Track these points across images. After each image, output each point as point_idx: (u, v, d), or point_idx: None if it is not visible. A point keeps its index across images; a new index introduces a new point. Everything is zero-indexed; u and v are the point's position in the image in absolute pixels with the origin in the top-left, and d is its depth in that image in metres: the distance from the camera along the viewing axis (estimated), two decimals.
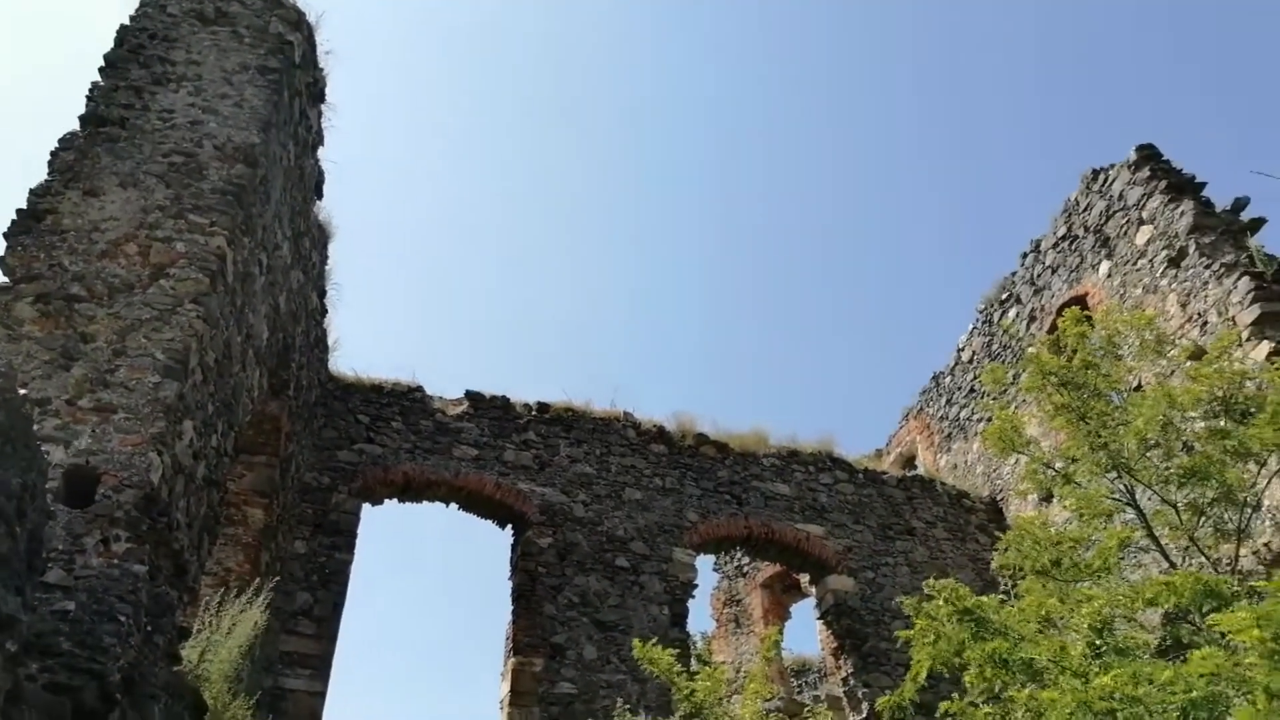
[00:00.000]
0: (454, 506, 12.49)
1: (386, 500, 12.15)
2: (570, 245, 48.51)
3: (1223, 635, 7.45)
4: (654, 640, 10.71)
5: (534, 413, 13.05)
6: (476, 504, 12.37)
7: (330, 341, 11.80)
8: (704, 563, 16.22)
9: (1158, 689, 6.06)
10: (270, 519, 9.55)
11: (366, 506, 11.82)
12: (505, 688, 11.15)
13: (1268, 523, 9.89)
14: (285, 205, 8.42)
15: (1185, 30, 40.11)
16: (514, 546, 12.28)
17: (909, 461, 17.31)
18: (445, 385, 13.18)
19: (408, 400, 12.60)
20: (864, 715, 12.27)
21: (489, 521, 12.55)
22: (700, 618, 20.33)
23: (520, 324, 48.31)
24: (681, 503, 12.89)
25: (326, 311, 11.17)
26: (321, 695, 10.24)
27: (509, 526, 12.45)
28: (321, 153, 9.85)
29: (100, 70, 7.16)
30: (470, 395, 12.93)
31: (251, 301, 7.48)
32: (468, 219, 46.86)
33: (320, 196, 10.05)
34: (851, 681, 12.58)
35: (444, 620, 43.24)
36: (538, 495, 12.26)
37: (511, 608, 11.72)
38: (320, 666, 10.33)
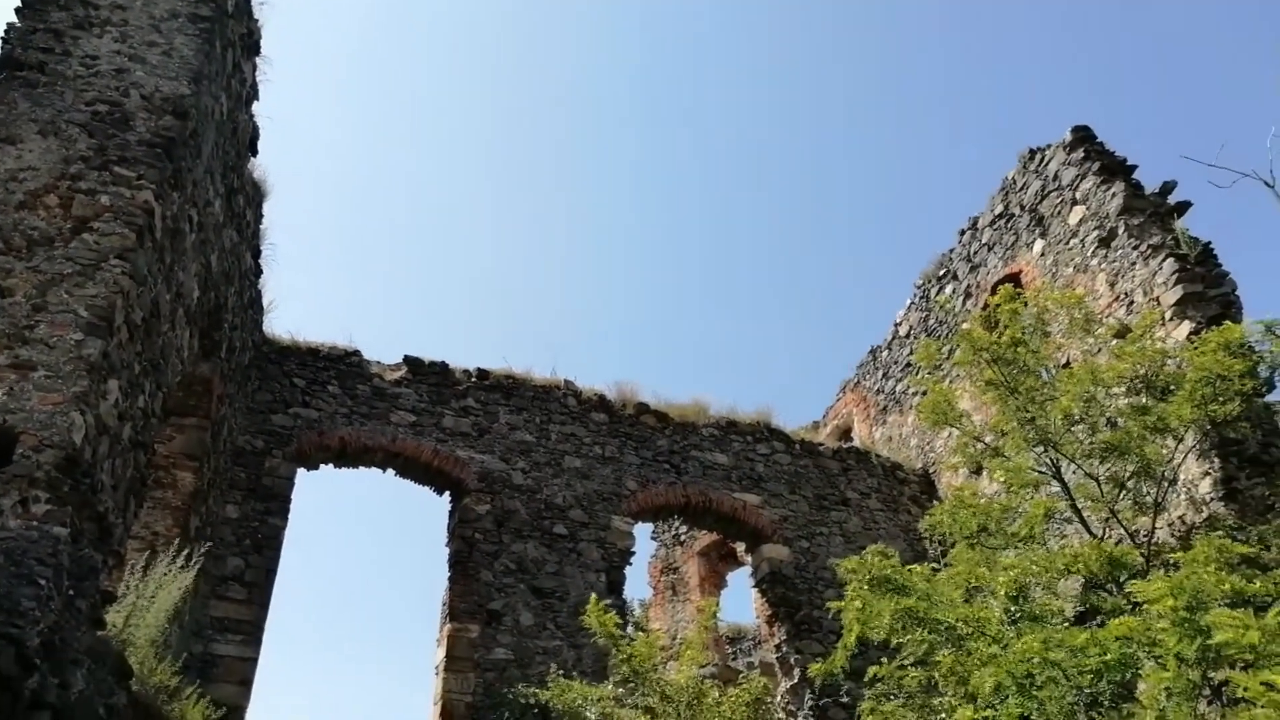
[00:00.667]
0: (391, 472, 12.38)
1: (322, 465, 11.98)
2: (513, 211, 48.03)
3: (1136, 604, 7.76)
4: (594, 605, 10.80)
5: (473, 379, 12.95)
6: (414, 470, 12.27)
7: (265, 303, 11.54)
8: (642, 531, 16.33)
9: (1073, 653, 6.29)
10: (201, 483, 9.36)
11: (301, 471, 11.65)
12: (441, 653, 11.15)
13: (1183, 496, 10.26)
14: (217, 160, 8.17)
15: (1127, 10, 40.91)
16: (451, 513, 12.23)
17: (845, 434, 17.59)
18: (383, 350, 13.02)
19: (345, 364, 12.40)
20: (795, 681, 12.53)
21: (426, 488, 12.47)
22: (637, 585, 20.54)
23: (461, 290, 47.84)
24: (621, 471, 12.94)
25: (261, 272, 10.91)
26: (253, 661, 10.12)
27: (446, 493, 12.38)
28: (256, 108, 9.57)
29: (16, 10, 6.83)
30: (409, 361, 12.77)
31: (181, 259, 7.26)
32: (408, 181, 46.10)
33: (254, 153, 9.77)
34: (784, 648, 12.82)
35: (380, 586, 43.00)
36: (476, 462, 12.21)
37: (448, 574, 11.69)
38: (252, 632, 10.20)
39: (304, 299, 38.62)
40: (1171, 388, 9.71)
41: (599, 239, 49.66)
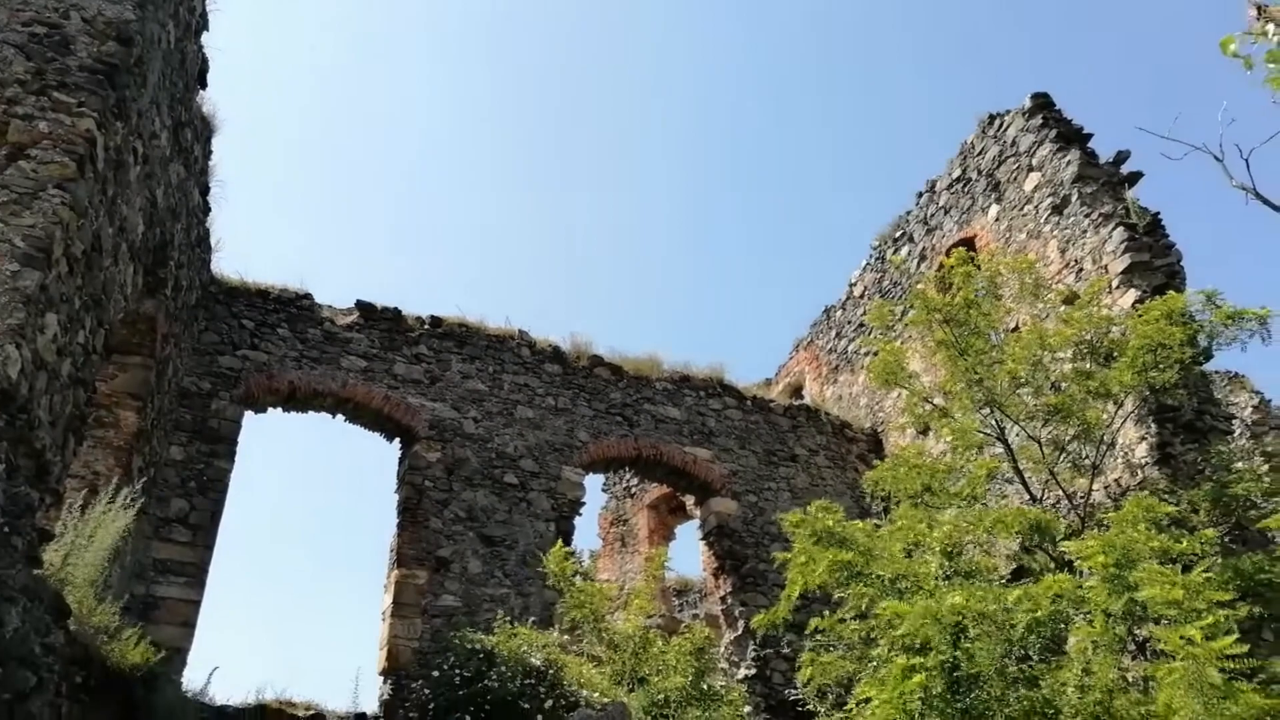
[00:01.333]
0: (341, 418, 12.26)
1: (271, 409, 11.84)
2: (470, 156, 47.33)
3: (1067, 563, 8.00)
4: (540, 555, 10.88)
5: (426, 326, 12.82)
6: (364, 416, 12.17)
7: (214, 241, 11.26)
8: (593, 482, 16.43)
9: (1005, 608, 6.48)
10: (144, 423, 9.19)
11: (249, 414, 11.49)
12: (388, 599, 11.16)
13: (1119, 460, 10.54)
14: (164, 92, 7.91)
15: None
16: (401, 460, 12.17)
17: (797, 391, 17.77)
18: (335, 294, 12.83)
19: (295, 307, 12.20)
20: (739, 633, 12.77)
21: (377, 434, 12.38)
22: (587, 537, 20.71)
23: (416, 237, 47.20)
24: (573, 422, 12.96)
25: (210, 209, 10.63)
26: (196, 604, 10.05)
27: (397, 440, 12.31)
28: (206, 38, 9.26)
29: None
30: (361, 305, 12.60)
31: (125, 192, 7.05)
32: (364, 123, 45.13)
33: (204, 86, 9.47)
34: (729, 600, 13.05)
35: (328, 532, 42.86)
36: (428, 410, 12.14)
37: (397, 521, 11.67)
38: (196, 574, 10.11)
39: (254, 240, 37.88)
40: (1114, 354, 9.93)
41: (559, 189, 49.21)
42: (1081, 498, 10.13)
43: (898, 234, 15.86)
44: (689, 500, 14.73)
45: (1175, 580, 5.95)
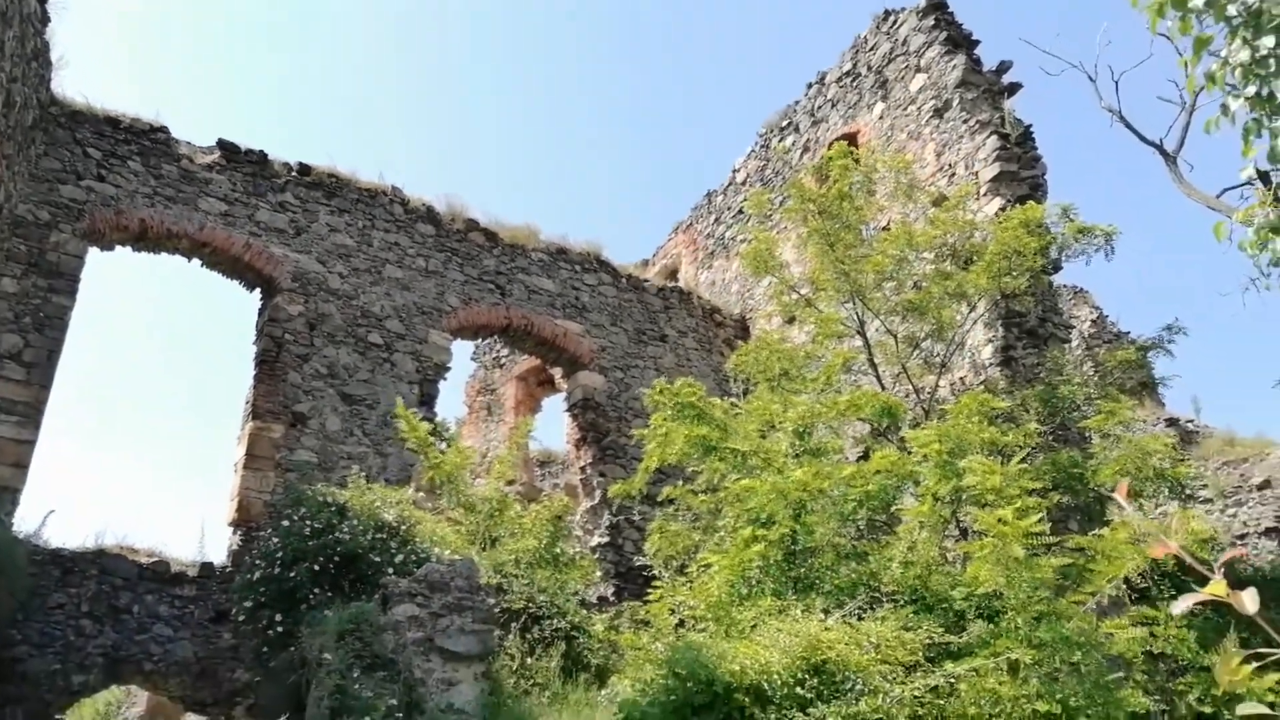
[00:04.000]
0: (197, 263, 11.65)
1: (119, 247, 11.12)
2: (350, 7, 44.45)
3: (910, 451, 8.47)
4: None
5: (293, 174, 12.18)
6: (223, 263, 11.60)
7: (54, 57, 10.26)
8: (460, 349, 16.30)
9: (841, 484, 6.86)
10: None
11: (94, 251, 10.78)
12: (241, 451, 10.92)
13: (967, 360, 11.11)
14: None
15: None
16: (261, 311, 11.73)
17: (673, 274, 17.89)
18: (194, 132, 11.97)
19: (149, 140, 11.35)
20: (596, 502, 13.12)
21: (236, 282, 11.85)
22: (453, 404, 20.66)
23: (284, 81, 44.45)
24: (443, 286, 12.71)
25: (49, 19, 9.63)
26: (31, 444, 9.60)
27: (257, 290, 11.83)
28: None
29: None
30: (223, 145, 11.83)
31: None
32: None
33: None
34: (589, 471, 13.34)
35: (182, 379, 41.37)
36: (291, 261, 11.66)
37: (254, 373, 11.31)
38: (30, 414, 9.62)
39: (106, 64, 34.88)
40: (974, 258, 10.35)
41: (441, 49, 46.94)
42: (928, 393, 10.69)
43: (784, 123, 15.87)
44: (557, 373, 14.82)
45: (995, 469, 6.40)
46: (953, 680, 5.75)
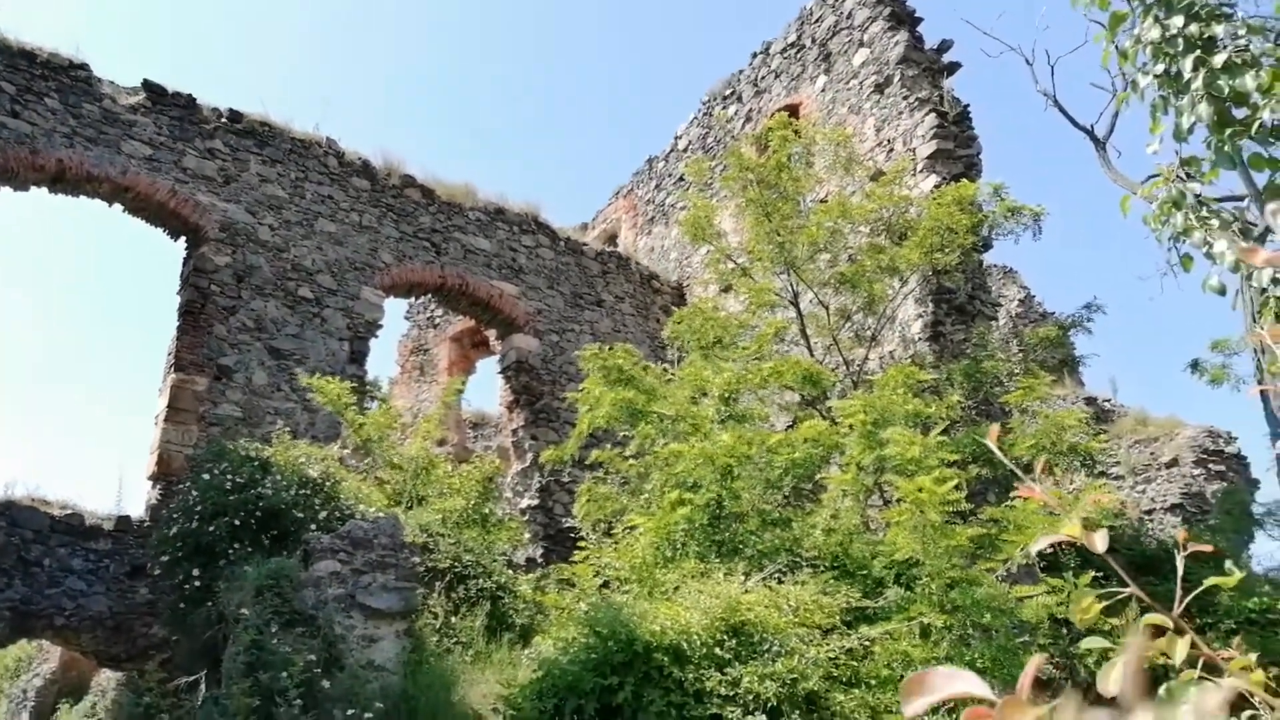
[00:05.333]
0: (119, 208, 11.24)
1: (34, 187, 10.66)
2: None
3: (837, 421, 8.61)
4: (330, 374, 10.64)
5: (224, 120, 11.79)
6: (146, 209, 11.20)
7: None
8: (394, 306, 16.08)
9: (769, 451, 6.96)
10: None
11: (7, 190, 10.33)
12: (163, 403, 10.65)
13: (896, 334, 11.32)
14: None
15: None
16: (186, 261, 11.38)
17: (611, 239, 17.82)
18: (118, 72, 11.48)
19: (68, 77, 10.86)
20: (527, 465, 13.10)
21: (160, 230, 11.47)
22: (385, 362, 20.37)
23: (219, 23, 42.93)
24: (377, 242, 12.48)
25: None
26: None
27: (182, 239, 11.47)
28: None
29: None
30: (149, 87, 11.38)
31: None
32: None
33: None
34: (520, 434, 13.30)
35: (103, 327, 40.12)
36: (219, 210, 11.32)
37: (178, 324, 11.00)
38: None
39: None
40: (907, 233, 10.52)
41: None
42: (858, 366, 10.87)
43: (728, 92, 15.85)
44: (492, 335, 14.70)
45: (915, 440, 6.56)
46: (868, 643, 5.92)
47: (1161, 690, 0.78)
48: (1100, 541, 0.85)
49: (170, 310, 11.37)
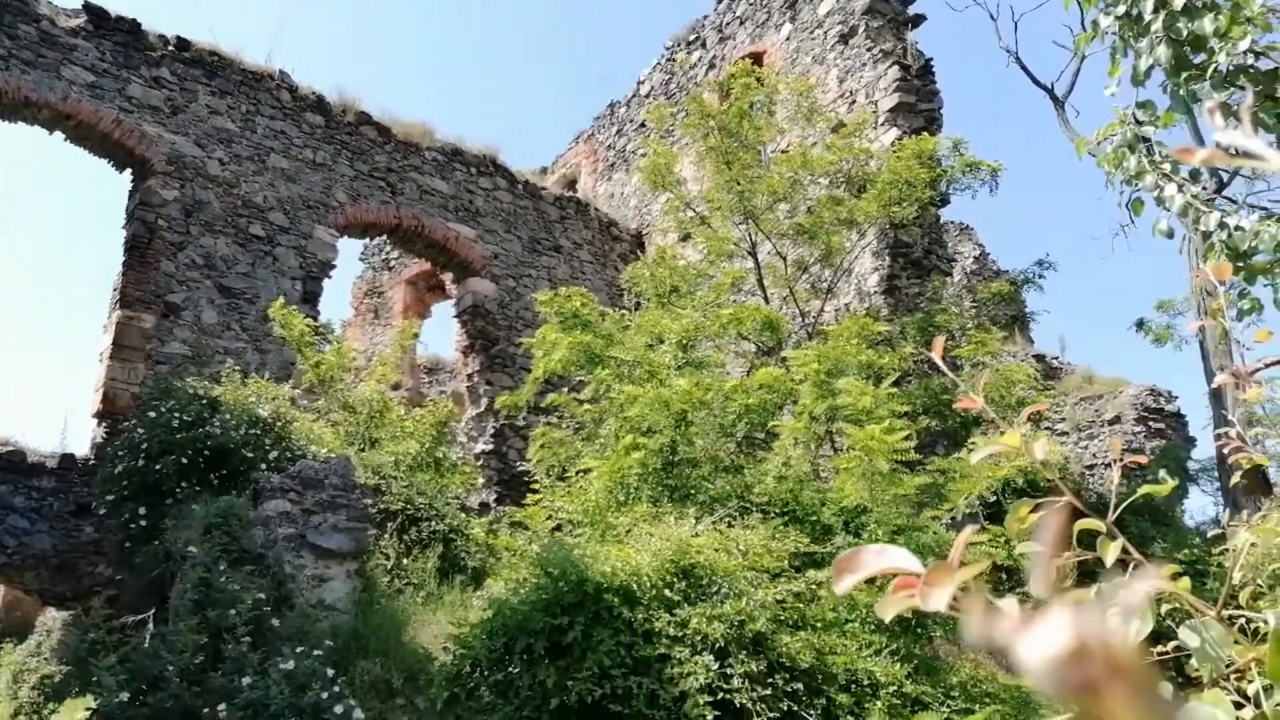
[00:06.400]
0: (60, 136, 10.86)
1: None
2: None
3: (789, 370, 8.68)
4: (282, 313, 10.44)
5: (171, 48, 11.39)
6: (89, 138, 10.83)
7: None
8: (348, 246, 15.82)
9: (723, 397, 7.00)
10: None
11: None
12: (108, 340, 10.40)
13: (853, 287, 11.40)
14: None
15: None
16: (132, 194, 11.06)
17: (571, 184, 17.64)
18: None
19: None
20: (482, 410, 13.06)
21: (104, 161, 11.11)
22: (338, 304, 20.08)
23: None
24: (331, 181, 12.22)
25: None
26: None
27: (128, 171, 11.13)
28: None
29: None
30: (90, 9, 10.93)
31: None
32: None
33: None
34: (475, 379, 13.24)
35: (48, 260, 39.03)
36: (166, 142, 10.98)
37: (123, 259, 10.72)
38: None
39: None
40: (866, 186, 10.54)
41: None
42: (814, 317, 10.94)
43: (692, 38, 15.65)
44: (448, 279, 14.53)
45: (867, 391, 6.64)
46: (815, 587, 6.03)
47: (1093, 589, 0.80)
48: (1039, 450, 0.87)
49: (116, 245, 11.05)
